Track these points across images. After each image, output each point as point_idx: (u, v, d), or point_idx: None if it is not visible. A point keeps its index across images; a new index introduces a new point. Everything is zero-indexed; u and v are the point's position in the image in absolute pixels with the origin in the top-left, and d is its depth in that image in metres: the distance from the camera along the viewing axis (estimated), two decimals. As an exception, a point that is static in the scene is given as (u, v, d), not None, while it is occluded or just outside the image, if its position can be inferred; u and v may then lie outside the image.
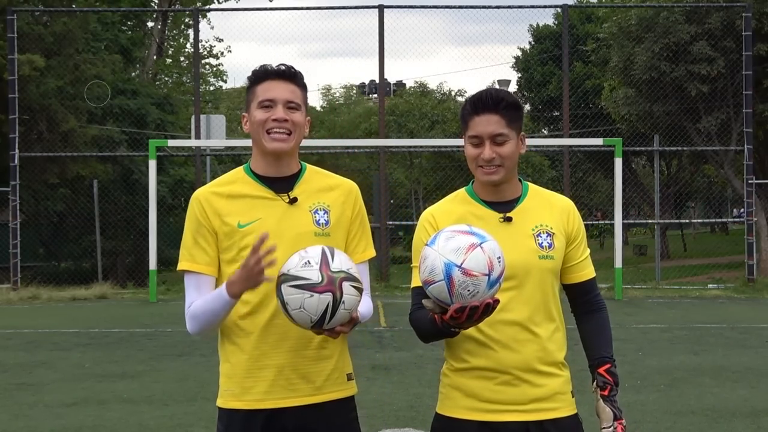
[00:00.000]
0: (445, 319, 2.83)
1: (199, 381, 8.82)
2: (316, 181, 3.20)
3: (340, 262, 2.90)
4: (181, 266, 3.15)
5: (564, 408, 3.10)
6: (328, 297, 2.83)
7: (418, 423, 6.85)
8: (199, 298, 3.08)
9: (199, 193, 3.17)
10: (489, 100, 3.03)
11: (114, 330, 12.84)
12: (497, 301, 2.82)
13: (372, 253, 3.23)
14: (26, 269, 20.59)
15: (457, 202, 3.17)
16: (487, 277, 2.77)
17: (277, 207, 3.12)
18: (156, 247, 17.17)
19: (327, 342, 3.11)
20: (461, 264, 2.76)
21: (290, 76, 3.14)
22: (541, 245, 3.07)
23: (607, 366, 3.09)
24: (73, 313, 15.46)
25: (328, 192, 3.19)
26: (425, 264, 2.83)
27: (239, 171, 3.21)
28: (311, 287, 2.84)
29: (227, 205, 3.12)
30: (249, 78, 3.18)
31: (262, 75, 3.14)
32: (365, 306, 3.09)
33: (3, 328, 13.14)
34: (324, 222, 3.14)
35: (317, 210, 3.14)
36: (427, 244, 2.87)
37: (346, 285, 2.86)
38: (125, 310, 15.91)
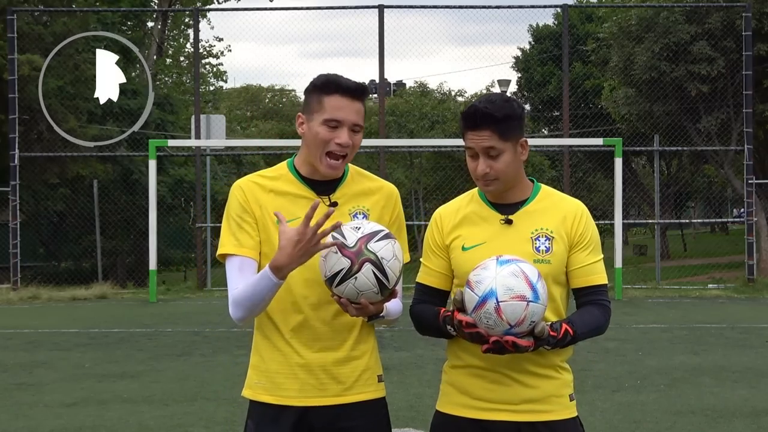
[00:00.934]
0: (455, 316, 2.89)
1: (199, 381, 8.83)
2: (357, 183, 3.20)
3: (383, 249, 2.91)
4: (225, 250, 3.10)
5: (559, 411, 3.06)
6: (345, 263, 2.87)
7: (418, 423, 6.84)
8: (243, 282, 3.05)
9: (242, 182, 3.17)
10: (477, 117, 3.00)
11: (114, 330, 12.83)
12: (498, 343, 2.84)
13: (407, 257, 3.14)
14: (26, 269, 20.60)
15: (466, 201, 3.19)
16: (510, 326, 2.82)
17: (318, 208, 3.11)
18: (156, 247, 17.18)
19: (358, 343, 3.13)
20: (500, 301, 2.81)
21: (360, 93, 3.07)
22: (537, 249, 3.06)
23: (571, 330, 2.94)
24: (73, 313, 15.45)
25: (369, 196, 3.20)
26: (480, 271, 2.87)
27: (283, 167, 3.21)
28: (341, 246, 2.89)
29: (269, 199, 3.12)
30: (317, 84, 3.09)
31: (333, 87, 3.07)
32: (394, 304, 3.12)
33: (3, 328, 13.13)
34: None
35: (356, 213, 3.14)
36: (498, 259, 2.89)
37: (368, 267, 2.87)
38: (125, 310, 15.90)
